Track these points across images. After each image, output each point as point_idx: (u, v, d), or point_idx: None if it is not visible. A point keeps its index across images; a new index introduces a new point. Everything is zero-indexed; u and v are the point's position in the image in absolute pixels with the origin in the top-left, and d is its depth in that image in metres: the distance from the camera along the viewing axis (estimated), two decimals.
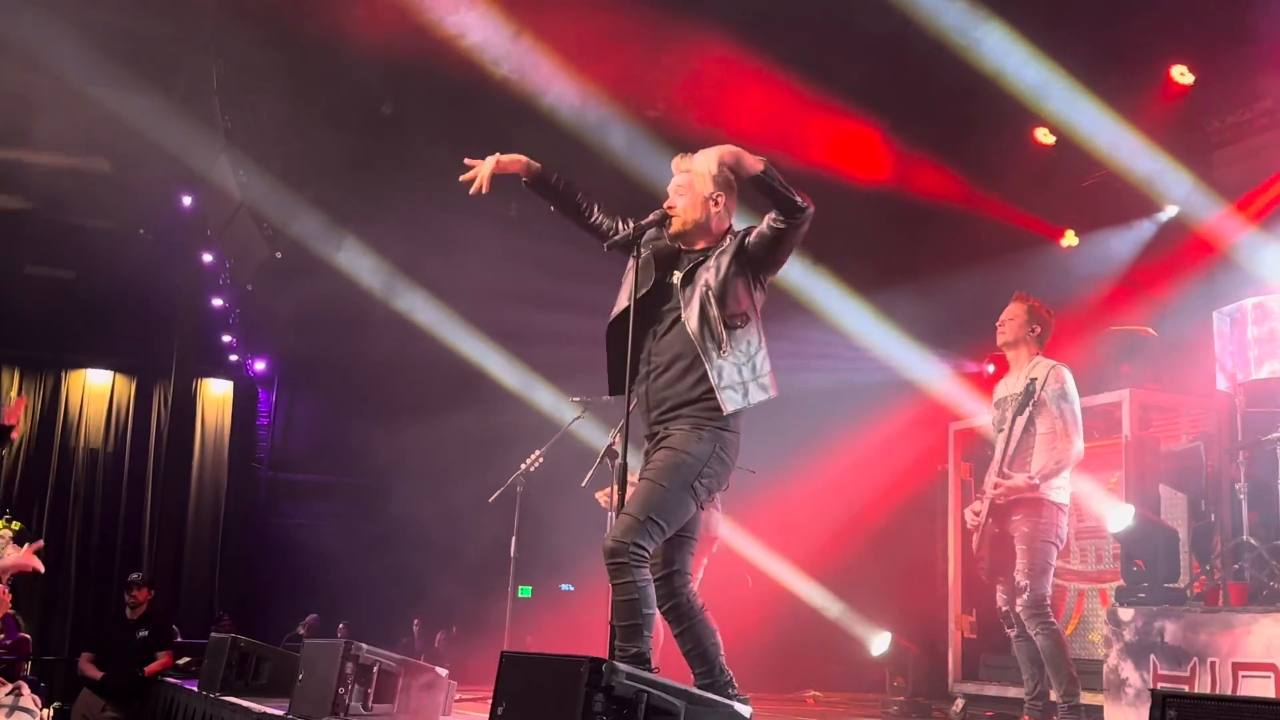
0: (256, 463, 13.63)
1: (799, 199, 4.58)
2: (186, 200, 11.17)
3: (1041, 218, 10.12)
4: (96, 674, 9.07)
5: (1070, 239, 10.19)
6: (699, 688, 4.12)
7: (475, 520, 8.71)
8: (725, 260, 4.74)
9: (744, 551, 9.76)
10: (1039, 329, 6.57)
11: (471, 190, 4.92)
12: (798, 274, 10.20)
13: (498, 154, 4.88)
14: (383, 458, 11.56)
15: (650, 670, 3.79)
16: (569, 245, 6.88)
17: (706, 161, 4.76)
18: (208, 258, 12.17)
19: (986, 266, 9.64)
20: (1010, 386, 6.56)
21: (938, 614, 9.15)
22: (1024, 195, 9.91)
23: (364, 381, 11.88)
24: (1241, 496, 7.23)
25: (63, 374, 13.09)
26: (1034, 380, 6.27)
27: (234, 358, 13.60)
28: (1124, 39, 7.93)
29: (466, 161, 4.94)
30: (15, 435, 6.50)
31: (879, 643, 8.74)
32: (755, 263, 4.78)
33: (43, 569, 4.24)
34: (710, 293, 4.67)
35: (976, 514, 6.52)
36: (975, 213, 9.98)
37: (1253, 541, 6.94)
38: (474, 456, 9.76)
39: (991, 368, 7.03)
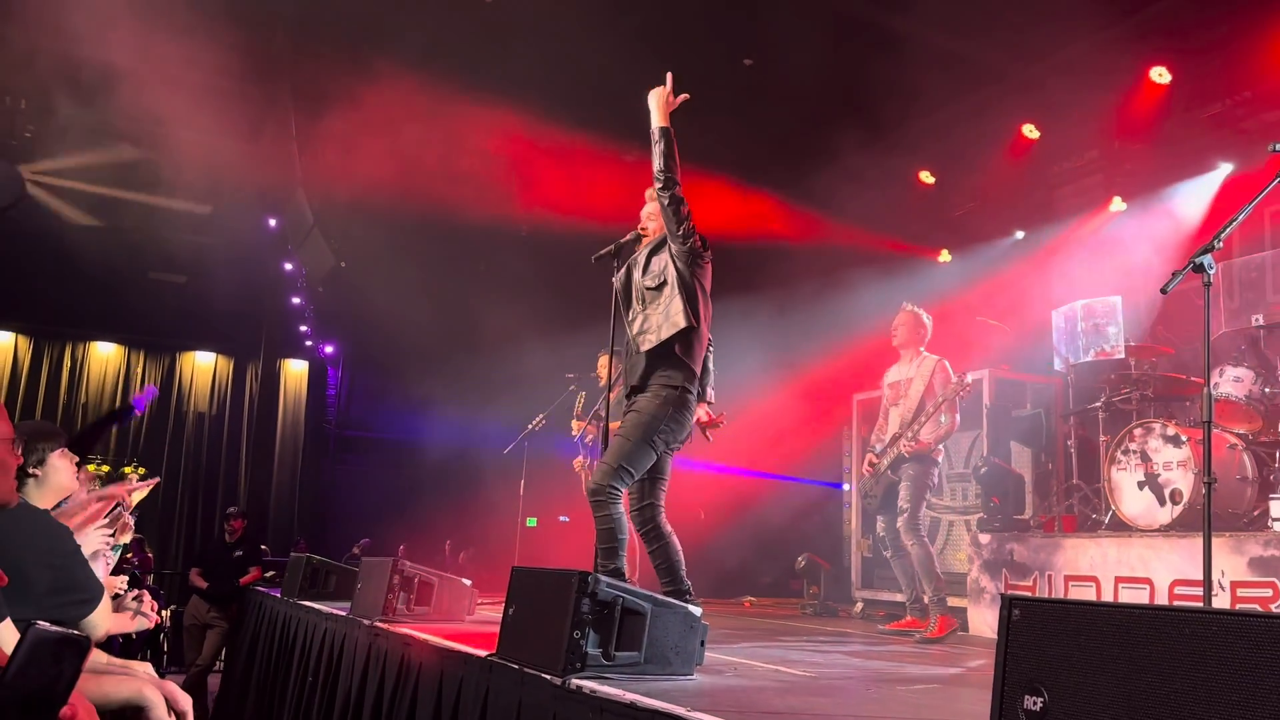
0: (326, 423, 13.48)
1: (660, 166, 4.50)
2: (272, 222, 11.19)
3: (921, 244, 9.99)
4: (203, 584, 8.93)
5: (945, 256, 10.12)
6: (665, 593, 4.02)
7: (493, 466, 8.75)
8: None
9: (697, 486, 9.77)
10: (923, 331, 6.58)
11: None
12: None
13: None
14: (419, 418, 11.59)
15: (625, 582, 3.63)
16: None
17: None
18: (288, 266, 12.19)
19: (885, 280, 9.48)
20: (902, 372, 6.55)
21: (843, 538, 9.19)
22: (908, 226, 9.76)
23: (404, 361, 11.90)
24: (1072, 451, 7.39)
25: (177, 355, 13.08)
26: (924, 369, 6.37)
27: (309, 343, 13.53)
28: (984, 104, 7.85)
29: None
30: (138, 413, 6.38)
31: (799, 560, 8.72)
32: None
33: (130, 500, 4.05)
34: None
35: (873, 464, 6.52)
36: (877, 241, 9.79)
37: (1080, 484, 7.17)
38: (489, 411, 9.69)
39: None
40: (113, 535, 3.86)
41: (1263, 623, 1.30)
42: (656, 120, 4.54)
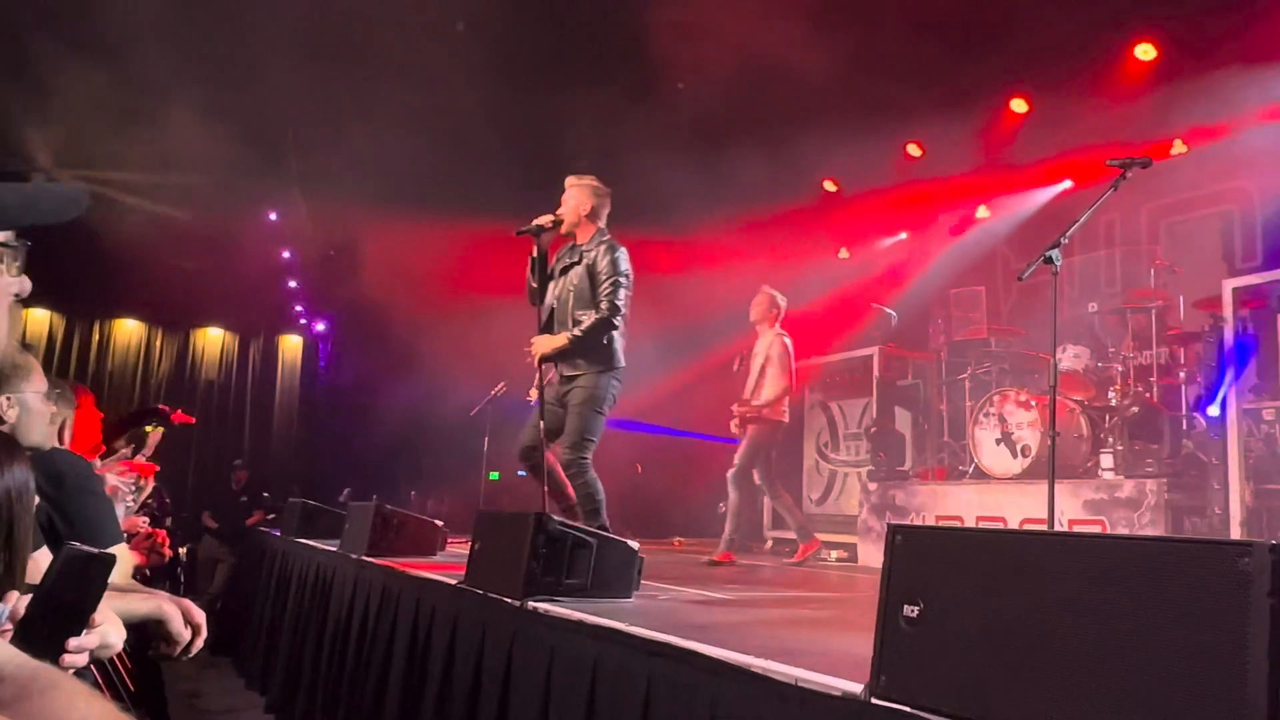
0: (317, 390, 13.43)
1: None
2: (272, 216, 11.00)
3: (823, 243, 9.98)
4: (213, 525, 8.92)
5: (844, 253, 10.18)
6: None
7: (461, 427, 8.68)
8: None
9: (635, 444, 9.79)
10: (776, 311, 6.54)
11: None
12: None
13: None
14: (397, 386, 11.42)
15: (606, 531, 3.67)
16: None
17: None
18: (286, 254, 11.97)
19: (803, 272, 9.42)
20: (759, 346, 6.54)
21: (755, 487, 9.22)
22: (813, 228, 9.70)
23: (384, 336, 11.78)
24: (943, 414, 7.51)
25: (191, 331, 12.90)
26: (769, 344, 6.38)
27: (302, 321, 13.35)
28: (877, 128, 7.81)
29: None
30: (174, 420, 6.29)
31: (720, 506, 8.62)
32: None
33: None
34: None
35: (737, 424, 6.44)
36: (789, 238, 9.70)
37: (950, 442, 7.28)
38: (458, 379, 9.59)
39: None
40: (136, 491, 3.79)
41: (1091, 541, 1.35)
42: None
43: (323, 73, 7.21)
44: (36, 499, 1.75)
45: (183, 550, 8.79)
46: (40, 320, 12.14)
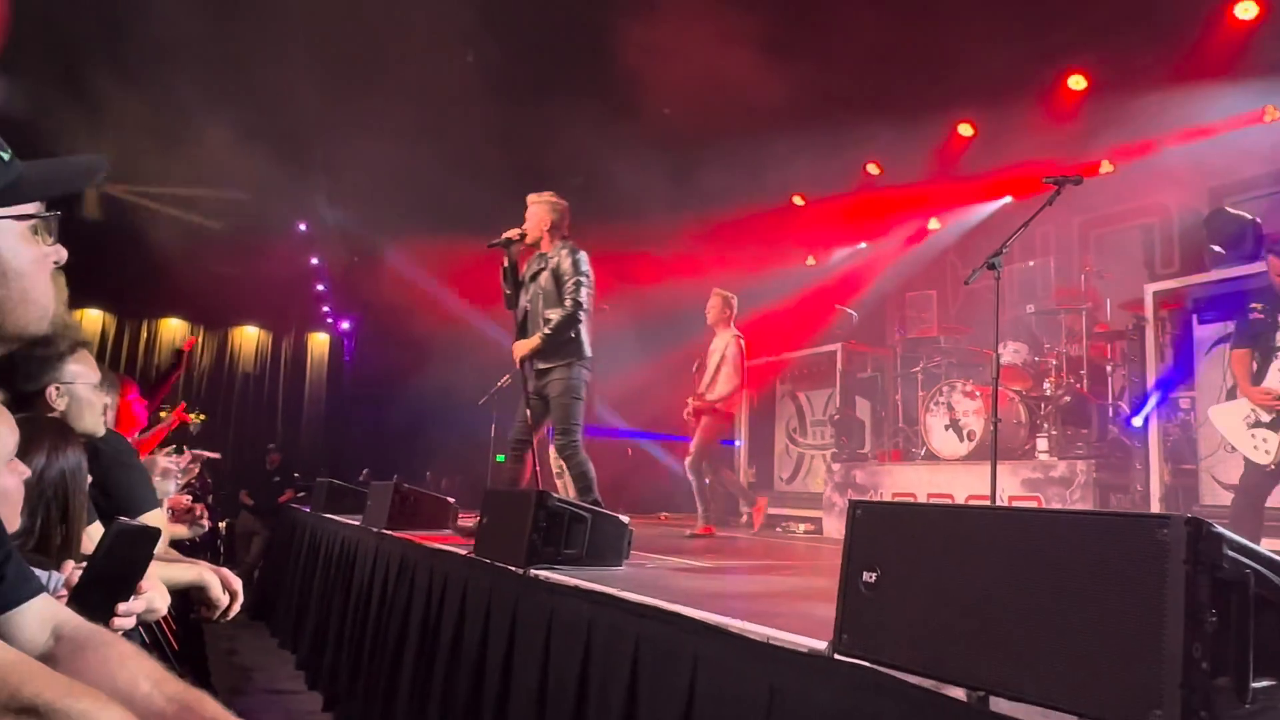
0: (341, 381, 13.40)
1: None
2: (302, 227, 10.92)
3: (792, 251, 9.94)
4: (249, 502, 8.88)
5: (811, 260, 10.17)
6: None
7: (470, 414, 8.64)
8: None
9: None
10: (729, 312, 6.42)
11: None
12: None
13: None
14: (413, 378, 11.40)
15: (599, 505, 3.66)
16: None
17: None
18: (314, 260, 11.90)
19: (775, 277, 9.54)
20: (715, 344, 6.40)
21: (734, 469, 9.20)
22: (783, 238, 9.66)
23: (403, 333, 11.74)
24: (899, 403, 7.53)
25: (229, 329, 12.85)
26: (725, 344, 6.27)
27: (329, 320, 13.30)
28: (839, 149, 7.79)
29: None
30: (186, 348, 6.22)
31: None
32: None
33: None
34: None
35: (689, 414, 6.33)
36: (760, 247, 9.62)
37: (904, 427, 7.31)
38: (468, 372, 9.55)
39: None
40: (182, 472, 3.76)
41: (1028, 515, 1.35)
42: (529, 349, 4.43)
43: (345, 98, 7.17)
44: (90, 478, 1.74)
45: (222, 524, 8.77)
46: (94, 320, 12.08)
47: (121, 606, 1.42)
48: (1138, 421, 5.62)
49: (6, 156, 0.85)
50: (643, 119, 7.43)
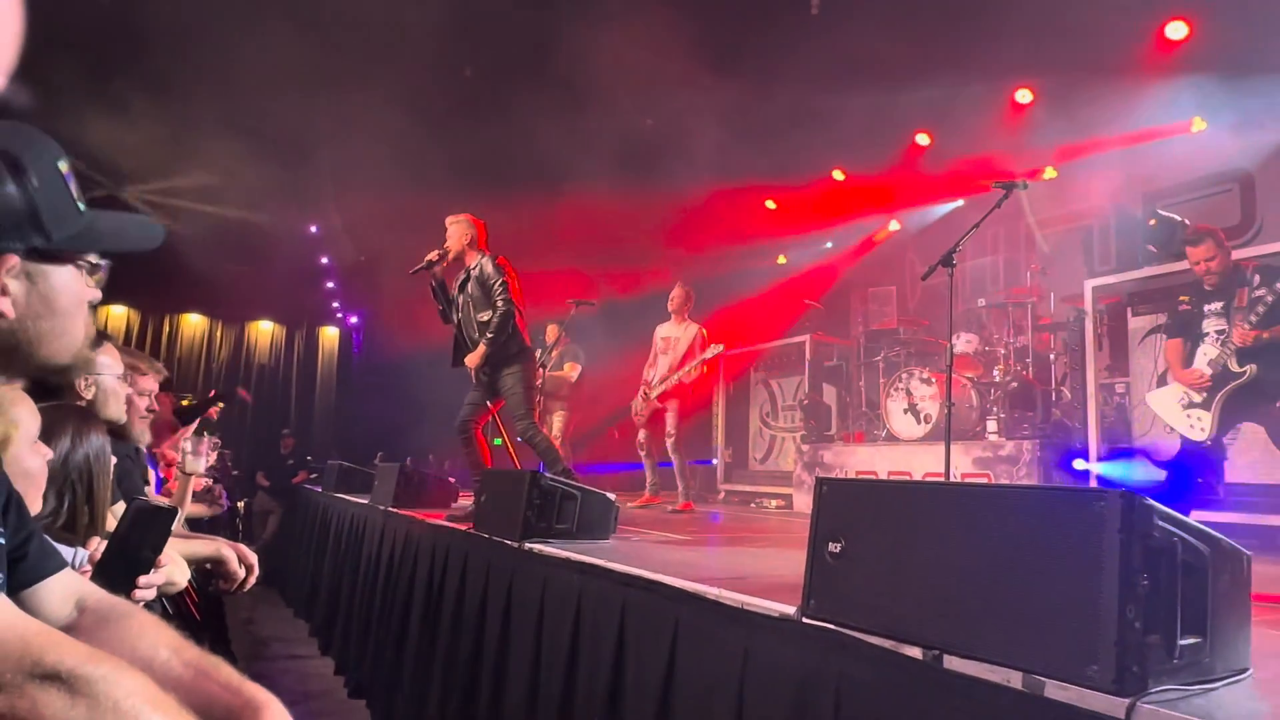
0: (350, 372, 13.30)
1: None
2: (313, 228, 10.83)
3: (763, 249, 9.76)
4: (266, 483, 8.86)
5: (782, 259, 10.05)
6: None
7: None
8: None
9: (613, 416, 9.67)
10: (690, 303, 6.29)
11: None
12: None
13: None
14: (416, 369, 11.32)
15: (573, 478, 3.63)
16: None
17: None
18: (324, 260, 11.78)
19: (751, 275, 9.56)
20: (673, 331, 6.20)
21: (712, 449, 9.21)
22: (756, 237, 9.47)
23: (406, 328, 11.63)
24: (861, 389, 7.54)
25: (246, 324, 12.71)
26: (689, 334, 6.14)
27: (339, 315, 13.16)
28: (803, 151, 7.71)
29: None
30: (243, 396, 6.19)
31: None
32: None
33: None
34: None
35: (646, 393, 6.17)
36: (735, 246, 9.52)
37: (866, 411, 7.31)
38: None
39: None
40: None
41: (980, 490, 1.36)
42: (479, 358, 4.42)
43: (348, 108, 7.08)
44: (114, 460, 1.72)
45: (240, 504, 8.70)
46: (119, 316, 11.96)
47: (142, 580, 1.41)
48: (1079, 464, 5.52)
49: (82, 208, 0.87)
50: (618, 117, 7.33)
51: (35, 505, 1.33)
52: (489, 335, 4.44)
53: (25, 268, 0.85)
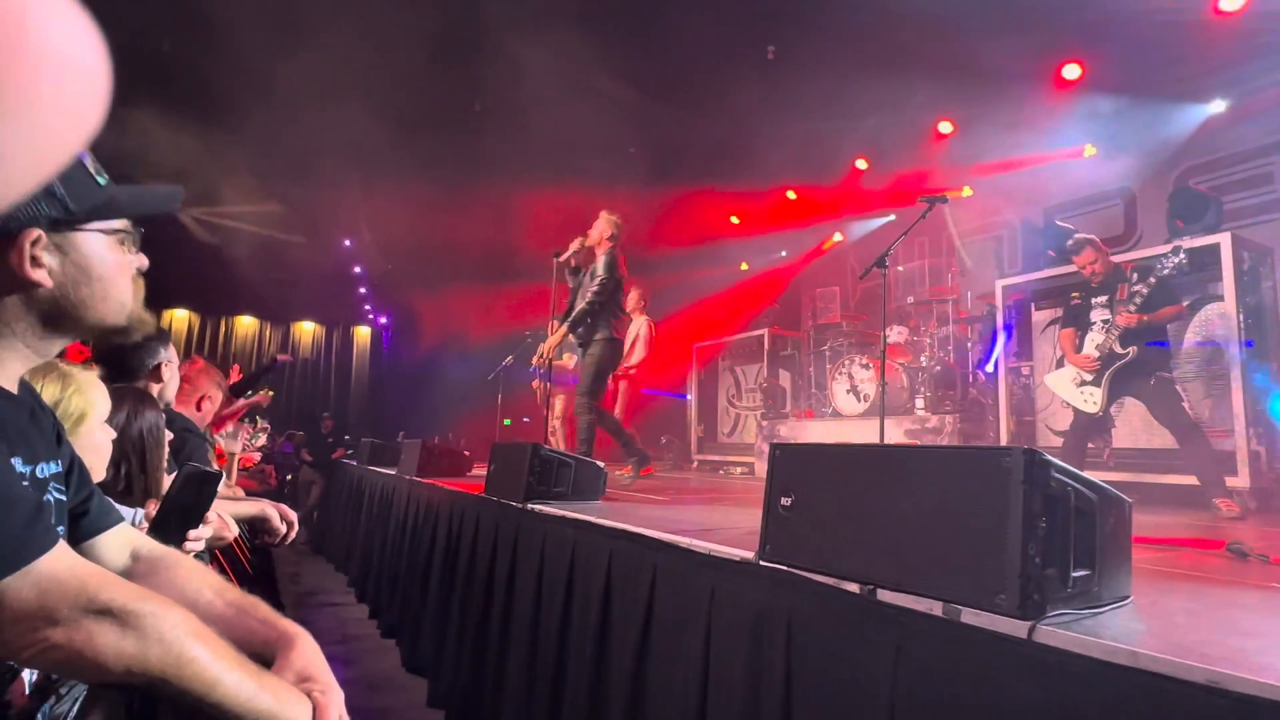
0: (381, 364, 13.23)
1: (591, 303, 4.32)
2: (347, 242, 10.70)
3: (727, 258, 9.68)
4: (309, 458, 8.79)
5: (744, 266, 10.03)
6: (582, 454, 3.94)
7: (482, 387, 8.54)
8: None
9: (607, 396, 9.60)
10: (644, 302, 6.36)
11: None
12: None
13: None
14: (437, 361, 11.25)
15: (590, 458, 3.55)
16: None
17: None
18: (357, 269, 11.69)
19: (716, 278, 9.44)
20: (630, 328, 6.25)
21: (686, 424, 9.25)
22: (719, 247, 9.48)
23: (429, 326, 11.57)
24: (811, 373, 7.51)
25: (291, 324, 12.57)
26: (642, 326, 6.19)
27: (370, 316, 13.07)
28: (757, 170, 7.54)
29: None
30: (282, 359, 6.09)
31: (663, 439, 8.57)
32: None
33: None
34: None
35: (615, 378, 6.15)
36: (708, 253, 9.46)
37: (816, 392, 7.30)
38: (479, 353, 9.41)
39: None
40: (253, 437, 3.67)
41: (905, 451, 1.35)
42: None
43: (375, 137, 6.97)
44: (169, 435, 1.68)
45: (288, 477, 8.63)
46: (181, 318, 11.80)
47: (191, 533, 1.39)
48: (989, 368, 5.68)
49: (103, 181, 0.82)
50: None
51: (99, 474, 1.31)
52: (567, 323, 4.39)
53: (54, 240, 0.81)
